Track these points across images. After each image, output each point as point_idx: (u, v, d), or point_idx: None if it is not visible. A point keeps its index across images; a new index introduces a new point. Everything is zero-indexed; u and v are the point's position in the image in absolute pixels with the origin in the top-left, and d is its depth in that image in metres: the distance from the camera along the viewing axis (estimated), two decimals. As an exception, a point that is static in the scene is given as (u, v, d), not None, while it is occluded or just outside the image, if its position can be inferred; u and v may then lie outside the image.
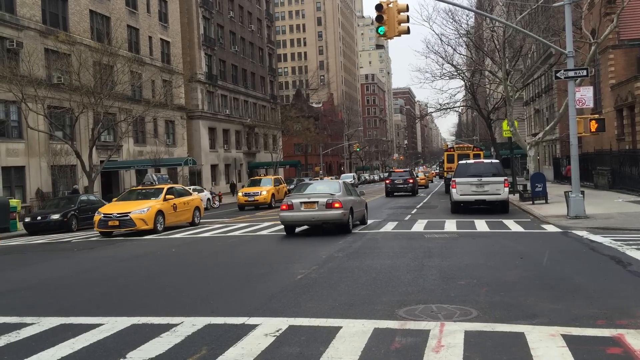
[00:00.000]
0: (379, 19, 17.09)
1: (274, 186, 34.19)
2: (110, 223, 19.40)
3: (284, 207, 17.05)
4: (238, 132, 63.32)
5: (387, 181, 40.48)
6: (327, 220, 16.85)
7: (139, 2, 45.98)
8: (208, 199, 35.81)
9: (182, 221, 21.95)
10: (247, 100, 66.56)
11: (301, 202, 16.76)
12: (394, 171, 45.51)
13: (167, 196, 20.88)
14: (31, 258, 15.15)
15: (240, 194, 33.76)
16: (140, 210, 19.49)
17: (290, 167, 77.59)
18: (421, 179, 52.95)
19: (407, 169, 49.39)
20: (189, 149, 52.35)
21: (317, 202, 16.70)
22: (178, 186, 24.96)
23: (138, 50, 44.85)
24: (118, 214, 19.39)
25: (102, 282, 10.54)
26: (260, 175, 36.84)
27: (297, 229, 17.71)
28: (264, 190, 32.90)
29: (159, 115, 44.22)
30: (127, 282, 10.37)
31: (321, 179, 24.39)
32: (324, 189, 18.10)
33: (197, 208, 23.01)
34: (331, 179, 46.95)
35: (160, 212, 19.99)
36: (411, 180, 39.81)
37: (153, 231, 19.59)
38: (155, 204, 20.09)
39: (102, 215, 19.63)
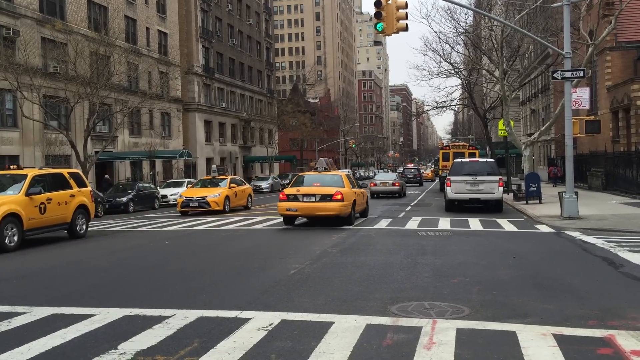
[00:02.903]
0: (378, 15, 17.06)
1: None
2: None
3: (372, 184, 34.65)
4: (234, 125, 63.20)
5: (401, 175, 50.17)
6: (392, 192, 33.90)
7: (137, -7, 45.76)
8: None
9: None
10: (244, 94, 66.41)
11: (380, 182, 34.79)
12: (407, 167, 64.13)
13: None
14: (24, 247, 15.07)
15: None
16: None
17: (286, 162, 77.50)
18: (427, 174, 70.06)
19: (416, 167, 67.91)
20: (184, 142, 52.22)
21: (388, 182, 34.46)
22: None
23: (135, 41, 44.66)
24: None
25: (94, 272, 10.52)
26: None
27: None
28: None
29: (154, 107, 44.06)
30: (120, 274, 10.35)
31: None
32: (389, 176, 37.17)
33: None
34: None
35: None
36: (418, 175, 56.38)
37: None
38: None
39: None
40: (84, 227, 16.70)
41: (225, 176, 27.23)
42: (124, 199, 27.96)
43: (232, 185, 25.87)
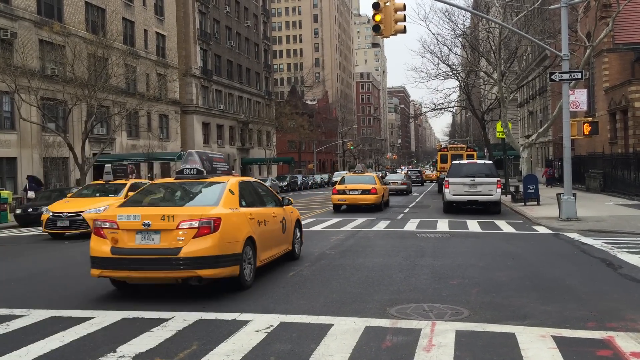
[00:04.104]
0: (376, 17, 17.07)
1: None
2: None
3: (392, 184, 37.66)
4: (232, 127, 63.18)
5: (406, 175, 54.75)
6: (401, 190, 38.51)
7: (134, -5, 45.76)
8: None
9: None
10: (242, 96, 66.43)
11: (391, 182, 37.75)
12: (411, 169, 74.64)
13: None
14: (21, 250, 15.06)
15: None
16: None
17: (284, 163, 77.46)
18: (432, 175, 72.84)
19: (419, 169, 77.72)
20: (182, 144, 52.18)
21: (397, 182, 39.23)
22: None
23: (133, 43, 44.64)
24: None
25: (93, 275, 10.48)
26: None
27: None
28: None
29: (152, 109, 44.04)
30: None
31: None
32: (398, 177, 42.95)
33: None
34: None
35: None
36: (420, 176, 63.85)
37: None
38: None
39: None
40: None
41: (125, 180, 19.31)
42: None
43: (131, 193, 16.73)
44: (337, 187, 25.10)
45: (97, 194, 18.70)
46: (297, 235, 11.52)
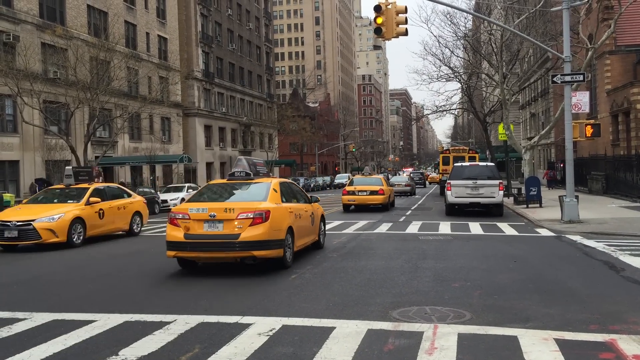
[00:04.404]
0: (378, 19, 17.08)
1: None
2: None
3: (396, 185, 38.13)
4: (234, 130, 63.24)
5: (410, 177, 57.16)
6: (405, 191, 39.64)
7: (137, -2, 45.85)
8: None
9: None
10: (244, 99, 66.48)
11: (395, 184, 37.87)
12: (413, 171, 78.59)
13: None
14: (23, 253, 15.06)
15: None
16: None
17: (286, 166, 77.44)
18: (436, 177, 75.89)
19: (421, 171, 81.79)
20: (184, 146, 52.23)
21: (401, 184, 40.10)
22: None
23: (135, 46, 44.72)
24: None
25: (95, 278, 10.50)
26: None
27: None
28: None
29: (155, 111, 43.98)
30: (120, 279, 10.34)
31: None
32: (402, 179, 43.59)
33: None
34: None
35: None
36: (422, 178, 67.13)
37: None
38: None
39: None
40: None
41: (87, 185, 17.27)
42: None
43: (94, 198, 16.50)
44: (347, 188, 26.78)
45: (56, 200, 16.76)
46: (321, 228, 13.59)
